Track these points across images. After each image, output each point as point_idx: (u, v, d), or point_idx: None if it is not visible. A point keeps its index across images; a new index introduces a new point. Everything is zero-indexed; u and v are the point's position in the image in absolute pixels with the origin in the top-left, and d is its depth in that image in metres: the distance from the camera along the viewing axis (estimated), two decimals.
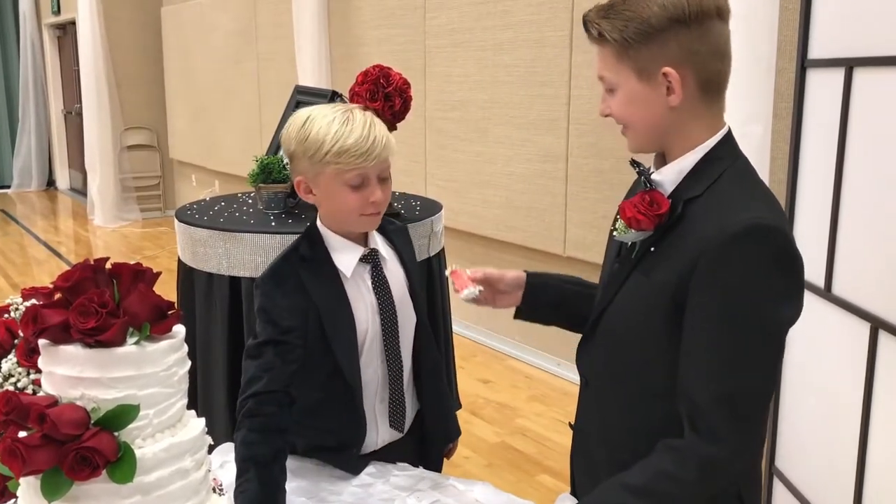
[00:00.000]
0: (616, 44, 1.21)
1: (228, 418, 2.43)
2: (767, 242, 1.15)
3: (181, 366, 1.07)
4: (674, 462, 1.20)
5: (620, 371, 1.34)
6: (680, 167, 1.25)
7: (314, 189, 1.58)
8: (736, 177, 1.23)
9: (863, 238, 1.96)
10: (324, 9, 5.52)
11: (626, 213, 1.25)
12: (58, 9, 9.69)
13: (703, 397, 1.17)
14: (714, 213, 1.19)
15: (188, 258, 2.52)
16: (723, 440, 1.17)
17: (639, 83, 1.23)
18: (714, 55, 1.21)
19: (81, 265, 1.04)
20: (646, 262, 1.27)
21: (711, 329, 1.17)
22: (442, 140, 4.70)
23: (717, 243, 1.15)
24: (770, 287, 1.15)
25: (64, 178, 10.72)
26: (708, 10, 1.18)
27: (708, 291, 1.16)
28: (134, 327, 1.03)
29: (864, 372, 1.93)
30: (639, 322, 1.28)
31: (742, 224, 1.14)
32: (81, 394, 1.00)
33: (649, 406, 1.29)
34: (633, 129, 1.29)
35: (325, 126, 1.52)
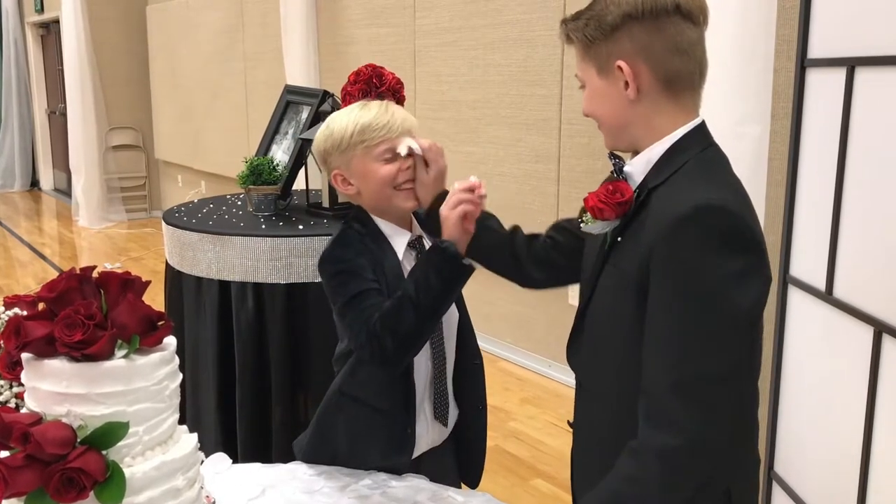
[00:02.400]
0: (579, 42, 1.27)
1: (218, 427, 2.38)
2: (714, 222, 1.12)
3: (172, 379, 1.03)
4: (633, 463, 1.16)
5: (604, 367, 1.32)
6: (647, 157, 1.26)
7: (350, 178, 1.59)
8: (699, 165, 1.23)
9: (865, 240, 1.93)
10: (311, 7, 5.47)
11: (588, 203, 1.26)
12: (41, 7, 9.58)
13: (658, 387, 1.14)
14: (671, 196, 1.18)
15: (176, 262, 2.46)
16: (677, 428, 1.12)
17: (599, 79, 1.27)
18: (671, 51, 1.22)
19: (67, 274, 0.99)
20: (615, 254, 1.27)
21: (665, 315, 1.14)
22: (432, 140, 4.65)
23: (666, 226, 1.14)
24: (720, 267, 1.11)
25: (48, 179, 10.60)
26: (664, 7, 1.20)
27: (660, 276, 1.15)
28: (122, 339, 0.98)
29: (867, 377, 1.90)
30: (614, 315, 1.27)
31: (688, 205, 1.13)
32: (67, 410, 0.94)
33: (634, 402, 1.23)
34: (603, 125, 1.32)
35: (344, 116, 1.58)
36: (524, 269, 1.62)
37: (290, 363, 2.34)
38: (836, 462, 2.06)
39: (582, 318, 1.37)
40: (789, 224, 2.29)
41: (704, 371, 1.13)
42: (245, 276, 2.30)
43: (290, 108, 2.82)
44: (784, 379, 2.33)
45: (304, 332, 2.33)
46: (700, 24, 1.25)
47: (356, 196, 1.63)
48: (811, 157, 2.22)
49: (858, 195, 1.97)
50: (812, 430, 2.19)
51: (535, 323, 4.27)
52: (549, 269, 1.61)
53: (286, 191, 2.63)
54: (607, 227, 1.26)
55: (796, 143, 2.27)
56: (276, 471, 1.65)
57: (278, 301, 2.29)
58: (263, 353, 2.33)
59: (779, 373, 2.34)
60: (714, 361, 1.13)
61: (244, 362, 2.33)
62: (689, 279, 1.12)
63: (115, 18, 8.45)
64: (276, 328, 2.31)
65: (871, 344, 1.89)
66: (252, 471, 1.64)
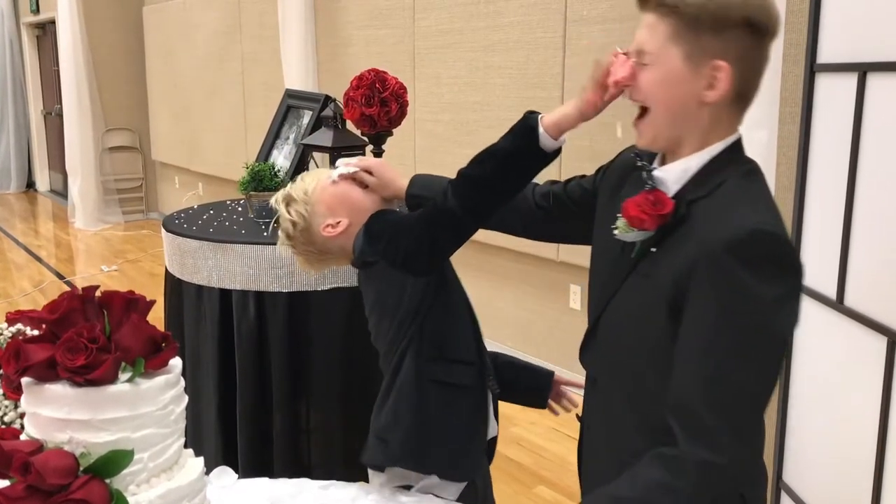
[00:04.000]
0: (683, 19, 1.17)
1: (218, 436, 2.35)
2: (769, 248, 1.13)
3: (178, 403, 0.99)
4: (668, 471, 1.16)
5: (623, 371, 1.31)
6: (685, 166, 1.23)
7: (337, 217, 1.60)
8: (742, 181, 1.21)
9: (878, 248, 1.90)
10: (310, 8, 5.43)
11: (629, 212, 1.22)
12: (37, 8, 9.53)
13: (699, 403, 1.14)
14: (717, 215, 1.16)
15: (176, 269, 2.43)
16: (721, 446, 1.13)
17: (682, 65, 1.19)
18: (756, 71, 1.21)
19: (69, 295, 0.96)
20: (646, 263, 1.25)
21: (709, 333, 1.14)
22: (432, 143, 4.62)
23: (718, 247, 1.12)
24: (769, 293, 1.12)
25: (44, 180, 10.55)
26: (770, 29, 1.20)
27: (707, 295, 1.14)
28: (127, 362, 0.95)
29: (880, 388, 1.87)
30: (639, 323, 1.26)
31: (745, 229, 1.12)
32: (69, 438, 0.91)
33: (653, 407, 1.24)
34: (652, 115, 1.25)
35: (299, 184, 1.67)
36: (502, 223, 1.63)
37: (291, 373, 2.30)
38: (847, 472, 2.03)
39: (597, 322, 1.36)
40: (798, 230, 2.26)
41: (745, 392, 1.14)
42: (246, 285, 2.26)
43: (291, 112, 2.79)
44: (793, 388, 2.30)
45: (307, 342, 2.29)
46: None
47: (350, 229, 1.60)
48: (821, 163, 2.19)
49: (870, 202, 1.94)
50: (822, 439, 2.16)
51: (537, 326, 4.24)
52: (532, 230, 1.64)
53: None
54: (642, 236, 1.24)
55: (805, 149, 2.24)
56: (284, 486, 1.62)
57: (280, 310, 2.26)
58: (265, 362, 2.30)
59: (787, 382, 2.31)
60: (754, 383, 1.15)
61: (245, 372, 2.30)
62: (740, 301, 1.12)
63: (111, 19, 8.39)
64: (277, 337, 2.27)
65: (884, 354, 1.86)
66: (259, 485, 1.61)
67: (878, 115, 1.91)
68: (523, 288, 4.22)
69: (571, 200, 1.56)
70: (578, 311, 3.98)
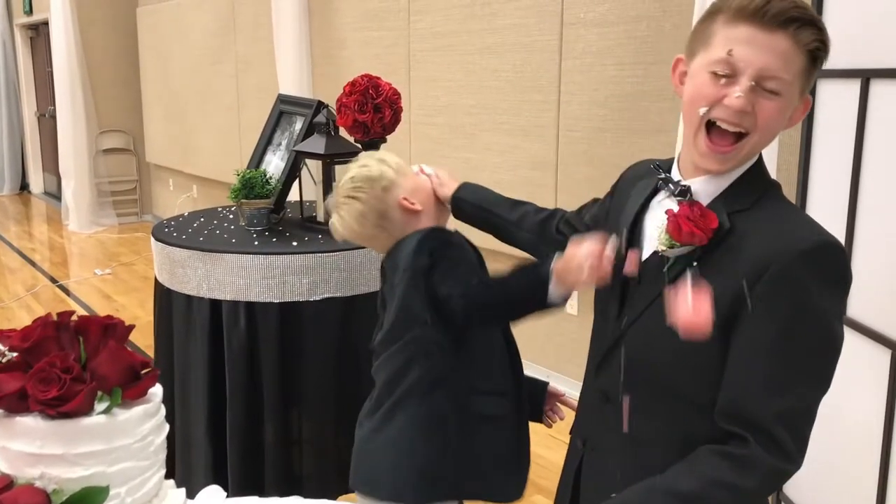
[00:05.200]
0: (817, 60, 1.18)
1: (208, 449, 2.30)
2: (836, 261, 1.15)
3: (158, 433, 0.95)
4: (736, 471, 1.15)
5: (659, 386, 1.28)
6: (719, 181, 1.23)
7: (414, 199, 1.67)
8: (779, 193, 1.23)
9: (882, 258, 1.87)
10: (304, 9, 5.38)
11: (679, 227, 1.19)
12: (30, 9, 9.47)
13: (766, 411, 1.15)
14: (772, 227, 1.17)
15: (166, 279, 2.38)
16: (788, 454, 1.15)
17: (798, 98, 1.20)
18: None
19: (42, 321, 0.91)
20: (688, 276, 1.22)
21: (776, 343, 1.14)
22: (427, 146, 4.58)
23: (786, 259, 1.13)
24: (833, 305, 1.15)
25: (38, 182, 10.49)
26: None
27: (774, 307, 1.14)
28: (103, 392, 0.90)
29: (884, 401, 1.84)
30: (680, 340, 1.20)
31: (813, 242, 1.14)
32: (41, 473, 0.86)
33: (692, 421, 1.24)
34: (755, 140, 1.19)
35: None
36: (535, 249, 1.68)
37: (283, 384, 2.26)
38: (849, 486, 2.00)
39: (622, 336, 1.31)
40: None
41: (808, 401, 1.17)
42: (237, 295, 2.22)
43: (284, 118, 2.74)
44: None
45: (298, 353, 2.25)
46: None
47: (416, 217, 1.66)
48: (822, 171, 2.15)
49: (874, 211, 1.90)
50: (823, 452, 2.12)
51: (535, 332, 4.19)
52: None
53: (279, 204, 2.55)
54: (687, 250, 1.21)
55: (806, 156, 2.20)
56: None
57: (271, 321, 2.21)
58: (255, 374, 2.26)
59: None
60: (814, 393, 1.17)
61: (235, 383, 2.25)
62: (810, 312, 1.13)
63: (104, 20, 8.34)
64: (268, 349, 2.23)
65: (888, 367, 1.82)
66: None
67: (881, 123, 1.87)
68: None
69: (585, 226, 1.57)
70: (576, 316, 3.94)
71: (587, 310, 3.87)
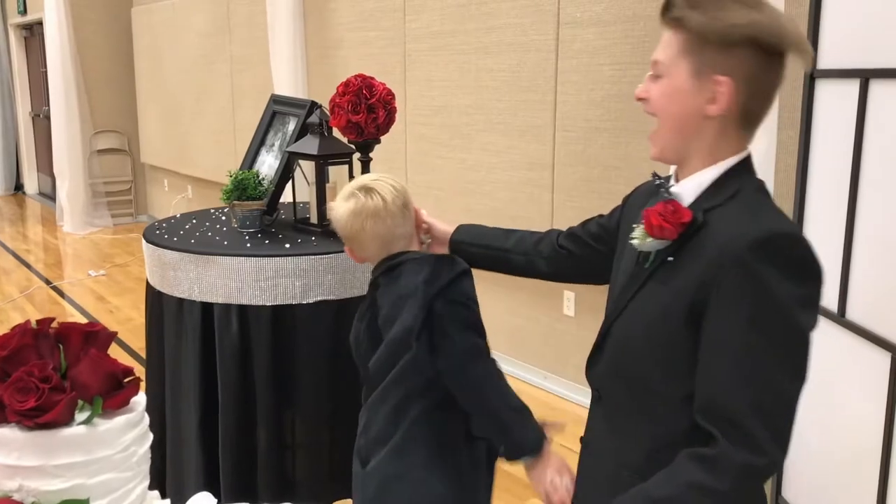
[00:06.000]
0: (691, 35, 1.21)
1: (201, 459, 2.27)
2: (791, 249, 1.15)
3: (141, 443, 0.92)
4: (706, 472, 1.16)
5: (638, 382, 1.30)
6: (699, 180, 1.25)
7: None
8: (755, 191, 1.24)
9: (881, 260, 1.84)
10: (299, 9, 5.35)
11: (650, 221, 1.25)
12: (24, 9, 9.42)
13: (737, 404, 1.14)
14: (737, 220, 1.19)
15: (157, 282, 2.35)
16: (762, 448, 1.13)
17: (689, 79, 1.22)
18: (766, 90, 1.22)
19: (21, 329, 0.88)
20: (663, 271, 1.26)
21: (740, 335, 1.15)
22: (423, 146, 4.56)
23: (741, 249, 1.14)
24: (794, 293, 1.14)
25: (32, 183, 10.44)
26: (781, 48, 1.20)
27: (732, 297, 1.15)
28: (84, 401, 0.87)
29: (884, 404, 1.81)
30: (654, 330, 1.26)
31: (764, 230, 1.15)
32: (19, 485, 0.84)
33: (672, 416, 1.25)
34: (662, 127, 1.28)
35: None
36: (534, 268, 1.73)
37: (276, 388, 2.23)
38: (849, 489, 1.98)
39: (608, 331, 1.36)
40: None
41: (782, 391, 1.15)
42: (229, 298, 2.19)
43: (277, 118, 2.71)
44: None
45: (291, 357, 2.22)
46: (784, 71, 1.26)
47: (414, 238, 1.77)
48: (821, 172, 2.13)
49: (873, 212, 1.88)
50: (822, 455, 2.10)
51: (531, 334, 4.17)
52: (557, 271, 1.72)
53: (272, 206, 2.52)
54: (660, 245, 1.25)
55: (805, 157, 2.18)
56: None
57: (264, 324, 2.18)
58: (248, 377, 2.23)
59: None
60: (789, 382, 1.15)
61: (228, 387, 2.22)
62: (768, 301, 1.13)
63: (99, 20, 8.29)
64: (261, 352, 2.20)
65: (888, 369, 1.80)
66: None
67: (881, 124, 1.85)
68: (517, 294, 4.16)
69: (591, 237, 1.62)
70: (573, 317, 3.92)
71: (584, 311, 3.84)
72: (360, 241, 1.70)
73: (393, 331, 1.62)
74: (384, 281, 1.69)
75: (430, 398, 1.62)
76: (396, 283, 1.66)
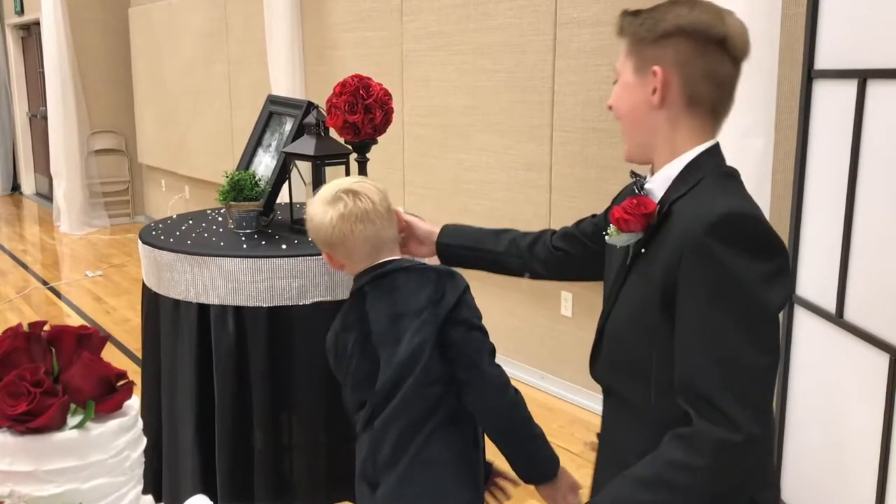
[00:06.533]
0: (630, 37, 1.35)
1: (197, 461, 2.26)
2: (744, 227, 1.20)
3: (134, 447, 0.91)
4: (684, 450, 1.20)
5: (635, 373, 1.34)
6: (667, 174, 1.33)
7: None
8: (717, 180, 1.30)
9: (879, 261, 1.84)
10: (297, 10, 5.34)
11: (615, 216, 1.32)
12: (21, 9, 9.41)
13: (707, 382, 1.19)
14: (695, 206, 1.25)
15: (153, 283, 2.34)
16: (735, 424, 1.17)
17: (633, 76, 1.34)
18: (704, 76, 1.29)
19: (12, 332, 0.88)
20: (639, 264, 1.32)
21: (705, 315, 1.20)
22: (420, 147, 4.55)
23: (696, 233, 1.20)
24: (752, 269, 1.18)
25: (29, 183, 10.43)
26: (713, 35, 1.28)
27: (695, 279, 1.20)
28: (77, 405, 0.87)
29: (882, 406, 1.81)
30: (638, 321, 1.31)
31: (717, 212, 1.20)
32: (10, 491, 0.83)
33: (668, 402, 1.28)
34: (622, 125, 1.38)
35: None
36: (530, 270, 1.76)
37: (273, 390, 2.22)
38: (848, 491, 1.97)
39: (603, 328, 1.41)
40: (795, 240, 2.19)
41: (751, 367, 1.18)
42: (225, 300, 2.18)
43: (273, 119, 2.70)
44: (790, 403, 2.24)
45: (288, 358, 2.21)
46: (738, 64, 1.32)
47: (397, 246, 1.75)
48: (819, 172, 2.12)
49: (871, 213, 1.87)
50: (821, 457, 2.09)
51: (528, 335, 4.16)
52: (554, 271, 1.75)
53: (269, 207, 2.51)
54: (632, 238, 1.32)
55: (802, 158, 2.17)
56: None
57: (261, 325, 2.17)
58: (245, 379, 2.21)
59: (785, 397, 2.24)
60: (758, 357, 1.19)
61: (224, 389, 2.21)
62: (726, 280, 1.18)
63: (96, 20, 8.28)
64: (258, 354, 2.19)
65: (886, 371, 1.80)
66: None
67: (879, 124, 1.84)
68: (514, 295, 4.15)
69: (585, 236, 1.66)
70: (570, 318, 3.91)
71: (581, 311, 3.84)
72: (348, 246, 1.64)
73: (400, 352, 1.58)
74: (372, 291, 1.65)
75: (441, 415, 1.59)
76: (391, 297, 1.62)
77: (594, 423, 3.67)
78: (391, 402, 1.59)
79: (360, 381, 1.66)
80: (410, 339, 1.57)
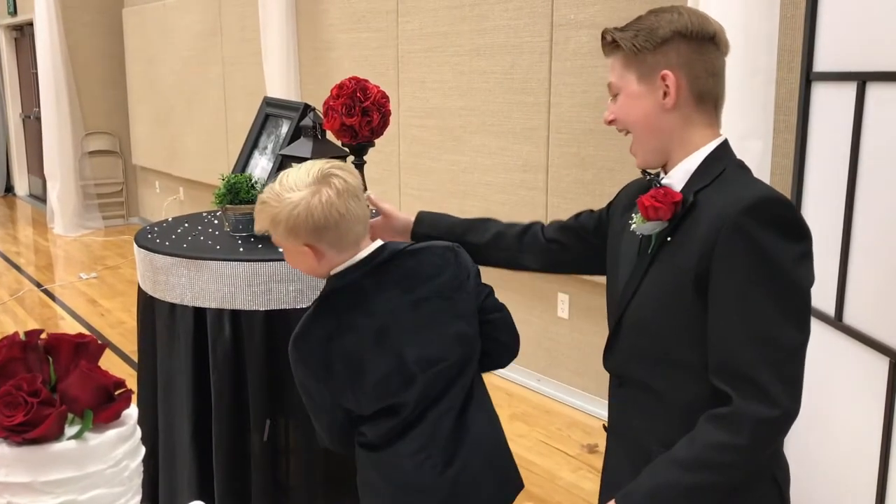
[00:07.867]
0: (626, 50, 1.37)
1: (194, 465, 2.25)
2: (779, 211, 1.24)
3: (133, 457, 0.90)
4: (724, 430, 1.22)
5: (661, 358, 1.36)
6: (686, 167, 1.36)
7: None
8: (739, 169, 1.35)
9: (878, 264, 1.83)
10: (291, 10, 5.33)
11: (644, 204, 1.34)
12: (14, 10, 9.36)
13: (745, 361, 1.22)
14: (726, 192, 1.28)
15: (149, 287, 2.33)
16: (774, 400, 1.20)
17: (639, 85, 1.36)
18: (707, 72, 1.35)
19: (9, 341, 0.86)
20: (665, 252, 1.34)
21: (741, 293, 1.23)
22: (416, 148, 4.54)
23: (735, 214, 1.23)
24: (786, 250, 1.22)
25: (23, 185, 10.38)
26: (706, 33, 1.35)
27: (731, 260, 1.23)
28: (74, 414, 0.85)
29: (882, 410, 1.80)
30: (667, 306, 1.33)
31: (756, 196, 1.24)
32: (7, 502, 0.81)
33: (697, 384, 1.31)
34: (635, 135, 1.40)
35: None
36: (517, 262, 1.77)
37: (269, 393, 2.21)
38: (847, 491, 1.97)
39: (622, 318, 1.42)
40: None
41: (788, 344, 1.22)
42: (222, 303, 2.17)
43: (270, 121, 2.69)
44: None
45: (285, 362, 2.18)
46: (725, 55, 1.38)
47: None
48: (817, 175, 2.12)
49: (870, 215, 1.87)
50: (821, 462, 2.09)
51: (524, 337, 4.13)
52: (546, 263, 1.75)
53: None
54: (657, 227, 1.34)
55: (801, 160, 2.17)
56: None
57: (257, 329, 2.16)
58: (241, 383, 2.20)
59: None
60: (794, 334, 1.23)
61: (221, 393, 2.20)
62: (763, 259, 1.22)
63: (90, 21, 8.25)
64: (254, 357, 2.17)
65: (886, 375, 1.79)
66: None
67: (878, 127, 1.84)
68: (510, 296, 4.13)
69: (584, 229, 1.67)
70: (567, 320, 3.91)
71: (577, 314, 3.83)
72: (342, 228, 1.47)
73: (450, 335, 1.59)
74: (374, 282, 1.53)
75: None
76: (407, 283, 1.55)
77: (592, 426, 3.68)
78: (457, 383, 1.63)
79: (380, 381, 1.53)
80: (458, 319, 1.60)
